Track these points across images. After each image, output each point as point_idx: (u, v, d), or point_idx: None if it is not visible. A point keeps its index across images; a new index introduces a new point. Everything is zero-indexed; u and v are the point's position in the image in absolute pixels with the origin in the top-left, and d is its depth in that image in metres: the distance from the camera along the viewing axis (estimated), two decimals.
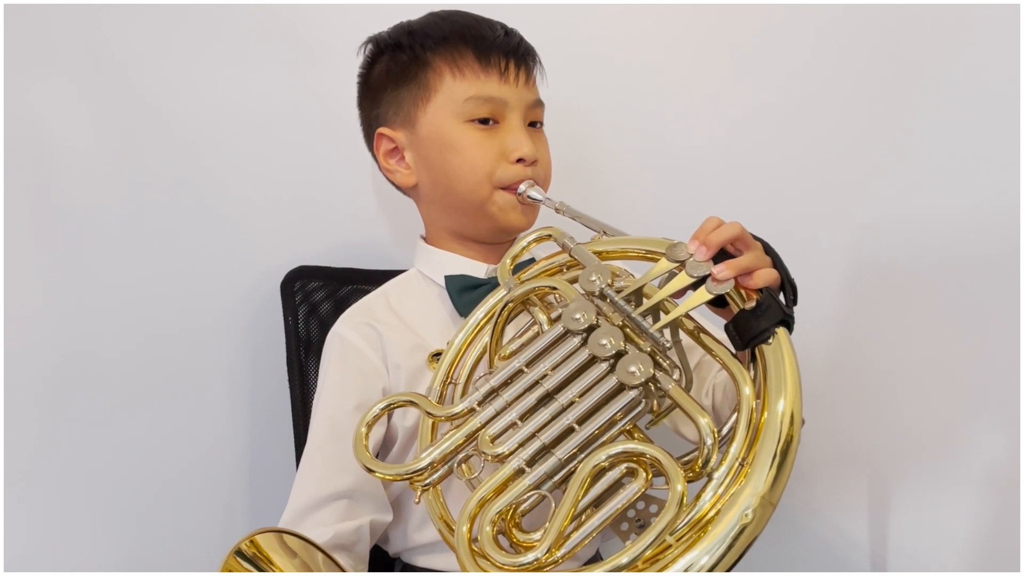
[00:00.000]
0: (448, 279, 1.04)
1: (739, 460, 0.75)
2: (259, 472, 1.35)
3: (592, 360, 0.80)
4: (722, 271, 0.80)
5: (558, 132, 1.12)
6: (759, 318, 0.79)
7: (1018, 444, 1.26)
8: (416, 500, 0.85)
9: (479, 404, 0.83)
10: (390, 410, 0.87)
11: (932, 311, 1.32)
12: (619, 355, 0.78)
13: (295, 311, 1.24)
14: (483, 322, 0.93)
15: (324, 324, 1.21)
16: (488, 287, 1.00)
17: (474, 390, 0.84)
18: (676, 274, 0.83)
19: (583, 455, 0.77)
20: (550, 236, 0.94)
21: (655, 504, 0.81)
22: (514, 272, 0.95)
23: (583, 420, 0.78)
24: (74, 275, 1.25)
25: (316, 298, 1.25)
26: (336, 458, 0.96)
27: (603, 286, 0.83)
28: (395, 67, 1.06)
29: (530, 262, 0.98)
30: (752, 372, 0.79)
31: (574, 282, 0.88)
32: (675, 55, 1.39)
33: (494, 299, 0.93)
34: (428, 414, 0.85)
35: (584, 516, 0.76)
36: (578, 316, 0.81)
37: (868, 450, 1.36)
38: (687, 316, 0.84)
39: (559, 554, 0.74)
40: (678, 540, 0.73)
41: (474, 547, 0.75)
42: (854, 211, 1.36)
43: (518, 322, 0.92)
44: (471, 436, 0.81)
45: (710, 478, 0.75)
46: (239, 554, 0.73)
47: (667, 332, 0.83)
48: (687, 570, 0.71)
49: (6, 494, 1.21)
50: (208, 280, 1.31)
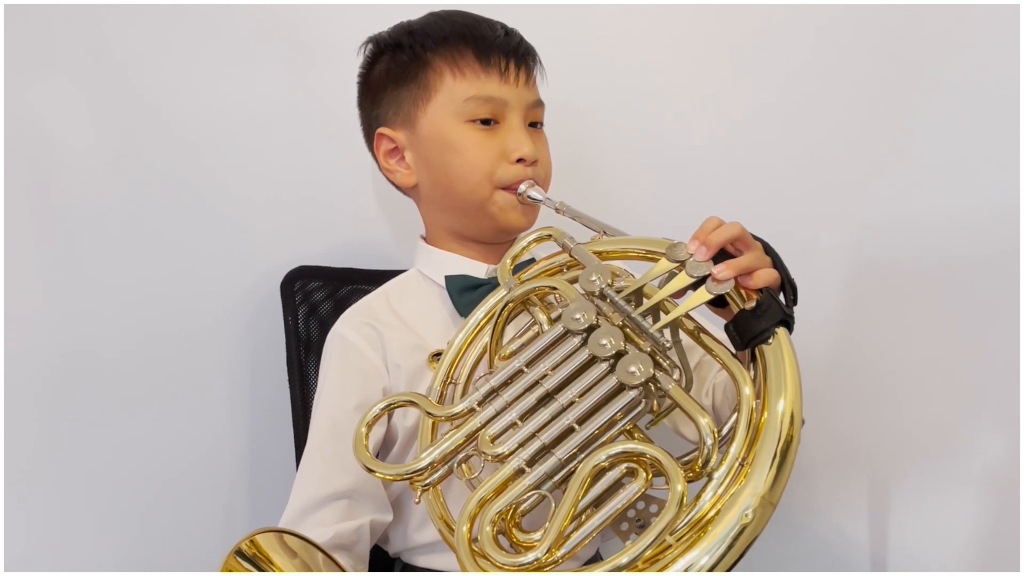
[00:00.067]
0: (448, 279, 1.04)
1: (739, 460, 0.75)
2: (259, 472, 1.35)
3: (592, 360, 0.80)
4: (722, 271, 0.80)
5: (558, 132, 1.12)
6: (759, 318, 0.79)
7: (1018, 444, 1.26)
8: (416, 500, 0.84)
9: (479, 404, 0.83)
10: (390, 410, 0.87)
11: (932, 311, 1.32)
12: (619, 355, 0.78)
13: (295, 311, 1.24)
14: (483, 322, 0.92)
15: (324, 324, 1.21)
16: (488, 287, 1.00)
17: (474, 390, 0.84)
18: (676, 274, 0.83)
19: (583, 455, 0.77)
20: (550, 236, 0.94)
21: (655, 504, 0.81)
22: (514, 272, 0.95)
23: (583, 420, 0.78)
24: (74, 275, 1.25)
25: (316, 298, 1.25)
26: (336, 458, 0.96)
27: (603, 286, 0.83)
28: (395, 67, 1.06)
29: (530, 262, 0.98)
30: (752, 372, 0.79)
31: (574, 282, 0.88)
32: (675, 55, 1.39)
33: (494, 299, 0.93)
34: (428, 414, 0.85)
35: (584, 516, 0.76)
36: (578, 316, 0.81)
37: (868, 450, 1.36)
38: (687, 316, 0.84)
39: (559, 554, 0.74)
40: (678, 540, 0.73)
41: (474, 547, 0.75)
42: (854, 211, 1.36)
43: (518, 322, 0.92)
44: (471, 436, 0.81)
45: (710, 478, 0.75)
46: (239, 554, 0.73)
47: (667, 332, 0.83)
48: (687, 570, 0.71)
49: (6, 494, 1.21)
50: (208, 280, 1.31)
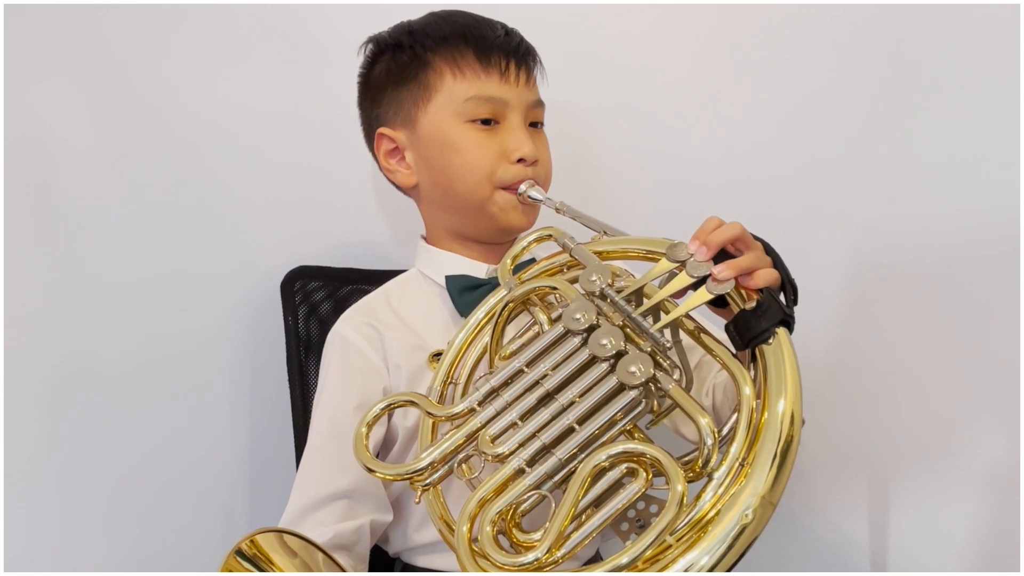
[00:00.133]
0: (449, 279, 1.04)
1: (739, 460, 0.75)
2: (259, 472, 1.35)
3: (592, 360, 0.80)
4: (722, 271, 0.80)
5: (558, 132, 1.12)
6: (759, 318, 0.79)
7: (1018, 444, 1.26)
8: (416, 500, 0.84)
9: (479, 404, 0.82)
10: (390, 410, 0.87)
11: (932, 311, 1.32)
12: (619, 355, 0.78)
13: (295, 311, 1.24)
14: (483, 322, 0.92)
15: (324, 324, 1.21)
16: (489, 287, 1.00)
17: (474, 390, 0.84)
18: (676, 274, 0.83)
19: (583, 455, 0.77)
20: (550, 236, 0.94)
21: (655, 504, 0.81)
22: (514, 272, 0.95)
23: (583, 420, 0.78)
24: (74, 275, 1.25)
25: (316, 298, 1.25)
26: (336, 458, 0.96)
27: (603, 286, 0.83)
28: (395, 67, 1.06)
29: (530, 262, 0.98)
30: (752, 372, 0.79)
31: (574, 282, 0.88)
32: (675, 55, 1.39)
33: (494, 299, 0.93)
34: (428, 414, 0.85)
35: (584, 516, 0.76)
36: (578, 316, 0.81)
37: (868, 450, 1.36)
38: (687, 316, 0.83)
39: (559, 554, 0.74)
40: (678, 540, 0.73)
41: (474, 547, 0.75)
42: (854, 211, 1.36)
43: (518, 322, 0.92)
44: (471, 436, 0.81)
45: (710, 478, 0.75)
46: (239, 554, 0.73)
47: (667, 332, 0.83)
48: (687, 570, 0.71)
49: (6, 494, 1.21)
50: (208, 280, 1.31)
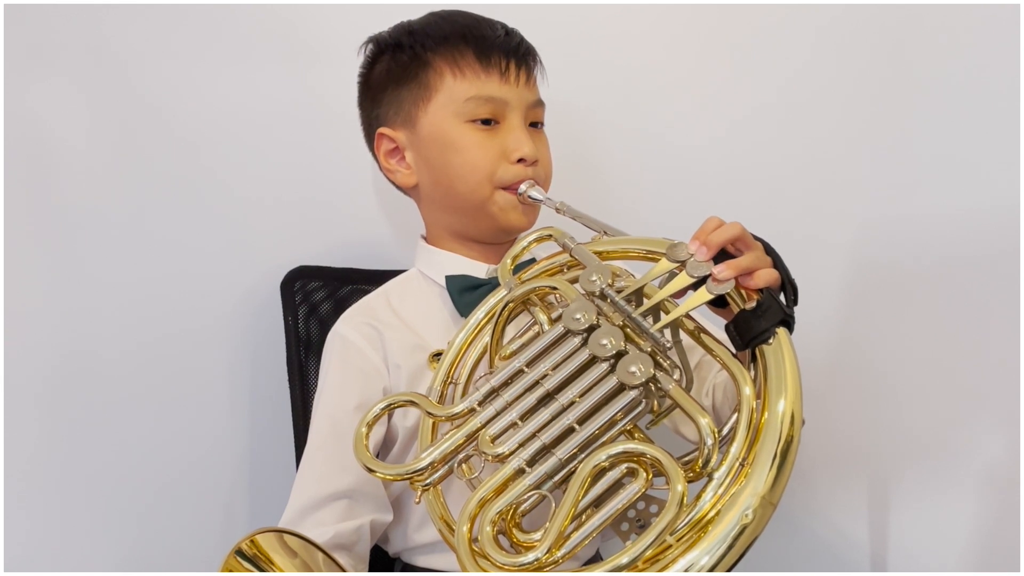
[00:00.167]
0: (449, 279, 1.04)
1: (739, 460, 0.75)
2: (259, 472, 1.35)
3: (592, 360, 0.80)
4: (722, 271, 0.80)
5: (558, 132, 1.12)
6: (759, 318, 0.79)
7: (1018, 444, 1.26)
8: (416, 500, 0.84)
9: (479, 404, 0.82)
10: (390, 410, 0.86)
11: (932, 311, 1.32)
12: (619, 355, 0.78)
13: (295, 311, 1.24)
14: (484, 322, 0.92)
15: (324, 324, 1.21)
16: (489, 287, 1.00)
17: (474, 390, 0.84)
18: (677, 274, 0.83)
19: (583, 455, 0.77)
20: (551, 236, 0.94)
21: (655, 504, 0.81)
22: (514, 272, 0.95)
23: (583, 420, 0.78)
24: (74, 275, 1.25)
25: (316, 298, 1.25)
26: (336, 458, 0.96)
27: (603, 286, 0.83)
28: (395, 67, 1.06)
29: (530, 262, 0.98)
30: (752, 372, 0.79)
31: (575, 282, 0.88)
32: (675, 55, 1.39)
33: (495, 299, 0.93)
34: (428, 414, 0.85)
35: (584, 516, 0.76)
36: (579, 316, 0.81)
37: (868, 450, 1.36)
38: (687, 316, 0.83)
39: (559, 554, 0.74)
40: (678, 540, 0.73)
41: (474, 547, 0.75)
42: (854, 211, 1.36)
43: (518, 322, 0.92)
44: (471, 436, 0.81)
45: (710, 478, 0.75)
46: (239, 554, 0.73)
47: (667, 332, 0.82)
48: (687, 570, 0.70)
49: (6, 494, 1.21)
50: (208, 280, 1.31)
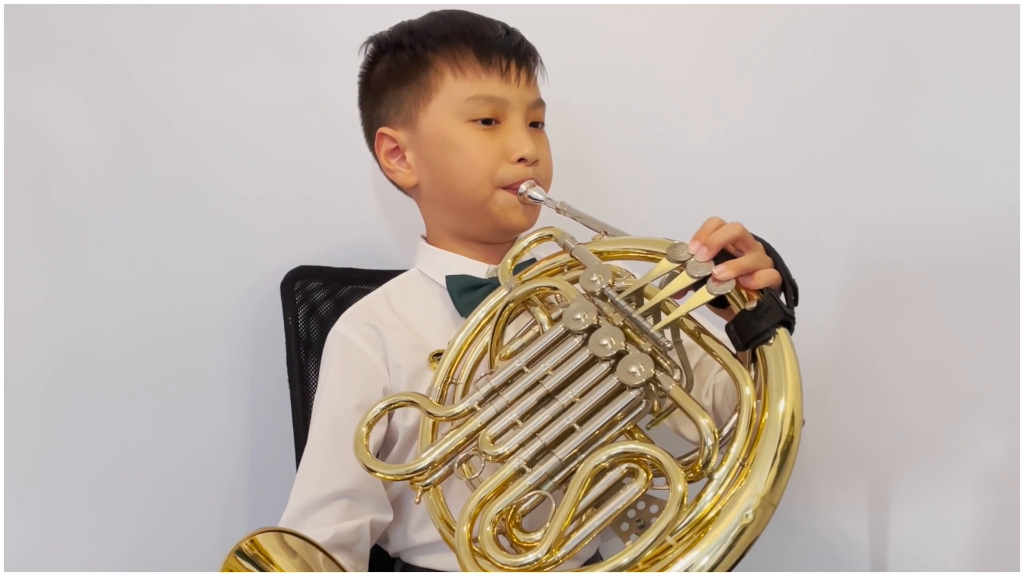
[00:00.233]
0: (449, 279, 1.03)
1: (740, 461, 0.75)
2: (259, 472, 1.35)
3: (593, 360, 0.80)
4: (723, 271, 0.80)
5: (558, 132, 1.12)
6: (760, 319, 0.79)
7: (1018, 444, 1.26)
8: (417, 500, 0.84)
9: (480, 404, 0.82)
10: (391, 410, 0.86)
11: (932, 311, 1.32)
12: (620, 355, 0.78)
13: (295, 311, 1.24)
14: (484, 322, 0.92)
15: (324, 324, 1.21)
16: (489, 287, 1.00)
17: (475, 390, 0.84)
18: (677, 274, 0.83)
19: (584, 455, 0.77)
20: (551, 236, 0.94)
21: (655, 504, 0.81)
22: (514, 272, 0.95)
23: (584, 420, 0.78)
24: (74, 275, 1.25)
25: (316, 298, 1.25)
26: (337, 458, 0.96)
27: (604, 286, 0.83)
28: (396, 67, 1.06)
29: (530, 262, 0.98)
30: (753, 372, 0.79)
31: (575, 282, 0.88)
32: (675, 55, 1.39)
33: (495, 299, 0.92)
34: (429, 414, 0.85)
35: (585, 516, 0.76)
36: (579, 316, 0.81)
37: (868, 450, 1.36)
38: (688, 316, 0.83)
39: (559, 554, 0.74)
40: (678, 540, 0.73)
41: (475, 547, 0.75)
42: (854, 211, 1.36)
43: (519, 322, 0.92)
44: (472, 436, 0.81)
45: (711, 479, 0.75)
46: (240, 553, 0.73)
47: (668, 332, 0.82)
48: (687, 570, 0.70)
49: (6, 494, 1.21)
50: (208, 280, 1.31)
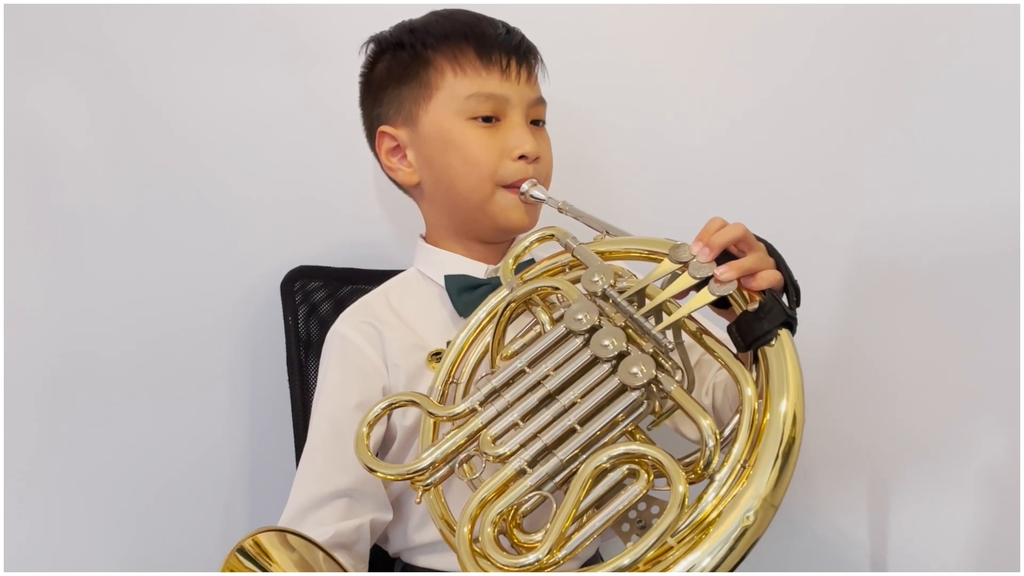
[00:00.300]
0: (448, 279, 1.04)
1: (741, 462, 0.75)
2: (259, 472, 1.35)
3: (594, 361, 0.80)
4: (725, 272, 0.80)
5: (558, 132, 1.12)
6: (762, 320, 0.79)
7: (1018, 444, 1.26)
8: (418, 500, 0.84)
9: (481, 404, 0.82)
10: (391, 410, 0.86)
11: (932, 311, 1.32)
12: (621, 356, 0.78)
13: (295, 311, 1.24)
14: (485, 322, 0.92)
15: (324, 324, 1.20)
16: (488, 287, 1.00)
17: (476, 390, 0.84)
18: (679, 275, 0.82)
19: (585, 456, 0.77)
20: (553, 236, 0.94)
21: (657, 505, 0.81)
22: (515, 272, 0.95)
23: (585, 421, 0.78)
24: (74, 275, 1.25)
25: (316, 298, 1.25)
26: (336, 457, 0.96)
27: (606, 287, 0.83)
28: (396, 66, 1.06)
29: (529, 263, 0.98)
30: (754, 374, 0.79)
31: (576, 282, 0.88)
32: (675, 55, 1.39)
33: (496, 298, 0.92)
34: (430, 414, 0.85)
35: (586, 517, 0.76)
36: (580, 317, 0.81)
37: (868, 450, 1.36)
38: (690, 317, 0.83)
39: (560, 555, 0.74)
40: (679, 542, 0.73)
41: (475, 548, 0.75)
42: (854, 211, 1.36)
43: (520, 322, 0.92)
44: (472, 436, 0.81)
45: (712, 480, 0.75)
46: (241, 552, 0.73)
47: (669, 333, 0.82)
48: (689, 571, 0.70)
49: (6, 494, 1.21)
50: (208, 280, 1.30)
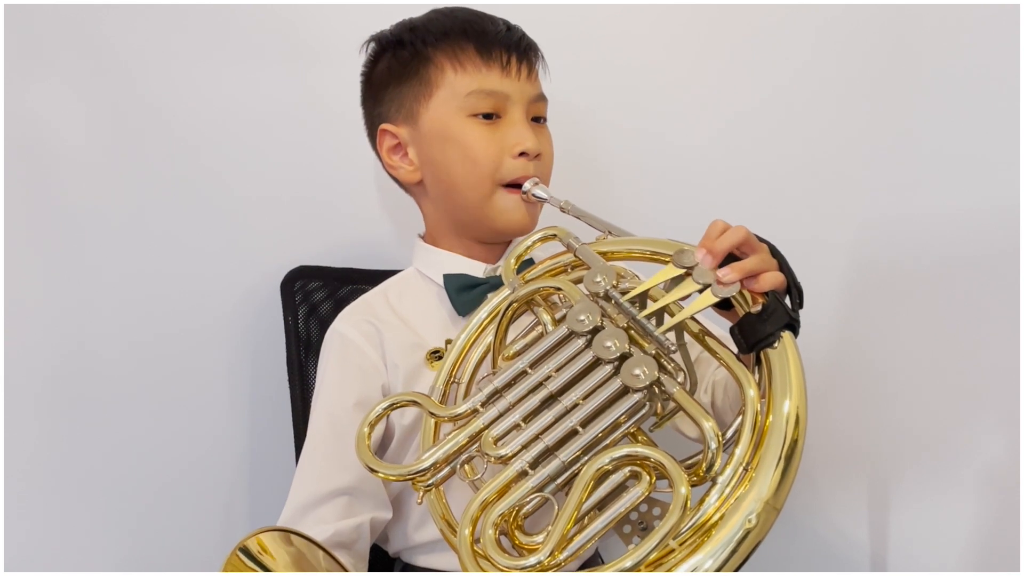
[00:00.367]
0: (447, 278, 1.03)
1: (743, 464, 0.74)
2: (259, 472, 1.35)
3: (597, 362, 0.79)
4: (727, 274, 0.80)
5: (559, 132, 1.11)
6: (765, 322, 0.79)
7: (1018, 444, 1.26)
8: (419, 501, 0.84)
9: (482, 405, 0.82)
10: (393, 409, 0.86)
11: (932, 311, 1.32)
12: (624, 357, 0.78)
13: (295, 311, 1.24)
14: (487, 321, 0.92)
15: (324, 324, 1.19)
16: (487, 287, 1.00)
17: (477, 390, 0.83)
18: (682, 279, 0.82)
19: (587, 458, 0.77)
20: (555, 236, 0.94)
21: (658, 507, 0.80)
22: (516, 272, 0.94)
23: (587, 422, 0.78)
24: (74, 275, 1.25)
25: (316, 298, 1.25)
26: (336, 455, 0.96)
27: (608, 287, 0.82)
28: (397, 64, 1.06)
29: (529, 262, 0.98)
30: (756, 375, 0.79)
31: (579, 283, 0.87)
32: (675, 55, 1.39)
33: (498, 298, 0.92)
34: (431, 414, 0.85)
35: (587, 519, 0.76)
36: (583, 317, 0.81)
37: (868, 450, 1.36)
38: (692, 319, 0.83)
39: (562, 557, 0.74)
40: (681, 544, 0.72)
41: (476, 549, 0.75)
42: (854, 211, 1.36)
43: (521, 322, 0.92)
44: (474, 437, 0.81)
45: (714, 482, 0.74)
46: (243, 551, 0.73)
47: (672, 335, 0.82)
48: (691, 573, 0.70)
49: (6, 494, 1.21)
50: (208, 280, 1.30)
